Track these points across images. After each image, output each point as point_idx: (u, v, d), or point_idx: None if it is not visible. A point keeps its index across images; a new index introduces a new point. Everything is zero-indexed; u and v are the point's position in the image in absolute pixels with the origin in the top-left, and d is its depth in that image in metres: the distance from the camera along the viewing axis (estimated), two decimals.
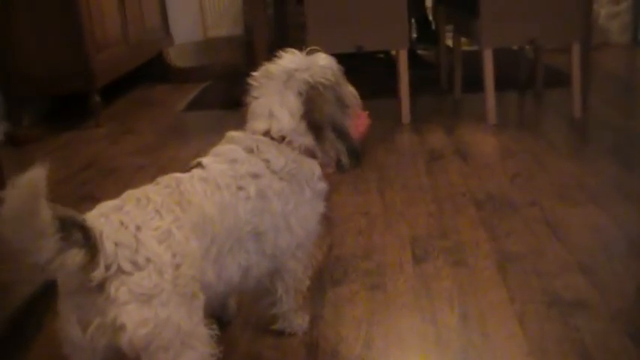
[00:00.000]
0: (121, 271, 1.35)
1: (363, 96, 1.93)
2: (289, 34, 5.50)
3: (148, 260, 1.37)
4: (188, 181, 1.59)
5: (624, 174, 2.89)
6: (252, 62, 4.66)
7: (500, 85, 3.82)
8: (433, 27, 5.20)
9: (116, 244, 1.36)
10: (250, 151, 1.71)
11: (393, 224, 2.57)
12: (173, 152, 3.49)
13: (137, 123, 4.30)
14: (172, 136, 3.92)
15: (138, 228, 1.40)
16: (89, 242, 1.31)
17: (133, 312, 1.35)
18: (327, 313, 2.02)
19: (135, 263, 1.36)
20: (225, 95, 4.86)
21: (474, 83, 3.95)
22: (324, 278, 2.21)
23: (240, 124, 1.77)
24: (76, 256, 1.29)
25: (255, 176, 1.68)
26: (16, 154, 3.82)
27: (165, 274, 1.38)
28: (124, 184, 1.66)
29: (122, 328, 1.34)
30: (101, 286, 1.34)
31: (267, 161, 1.71)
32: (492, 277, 2.15)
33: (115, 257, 1.35)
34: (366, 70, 5.10)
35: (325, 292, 2.13)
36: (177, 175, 1.61)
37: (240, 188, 1.64)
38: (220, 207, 1.59)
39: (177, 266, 1.41)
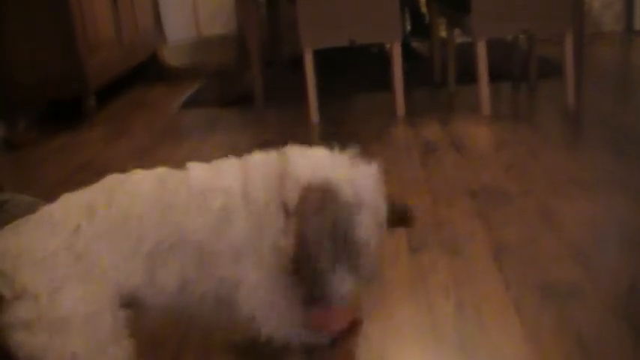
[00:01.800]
0: (3, 297, 1.40)
1: (358, 91, 1.89)
2: (282, 34, 5.52)
3: (24, 289, 1.40)
4: (136, 179, 1.59)
5: (618, 164, 2.89)
6: (246, 60, 4.69)
7: (494, 76, 3.84)
8: (426, 19, 5.21)
9: None
10: (246, 171, 1.63)
11: None
12: (168, 152, 3.50)
13: (132, 124, 4.30)
14: (167, 136, 3.92)
15: (18, 254, 1.43)
16: None
17: (14, 336, 1.40)
18: None
19: (14, 291, 1.40)
20: (219, 93, 4.87)
21: (468, 75, 3.95)
22: None
23: (234, 123, 1.76)
24: None
25: (224, 193, 1.58)
26: (12, 158, 3.83)
27: (40, 300, 1.40)
28: None
29: (10, 346, 1.40)
30: None
31: (246, 182, 1.60)
32: (488, 266, 2.15)
33: None
34: (359, 64, 5.12)
35: None
36: (135, 171, 1.61)
37: (203, 197, 1.57)
38: (164, 206, 1.55)
39: (56, 290, 1.41)
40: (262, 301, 1.64)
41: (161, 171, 1.63)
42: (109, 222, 1.50)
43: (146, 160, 3.38)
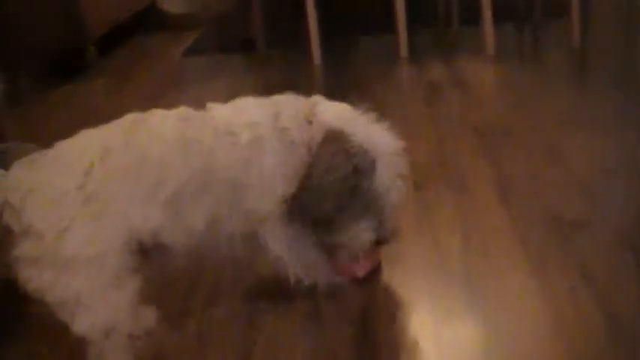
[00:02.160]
0: (10, 229, 1.43)
1: (361, 32, 1.89)
2: None
3: (30, 225, 1.41)
4: (157, 118, 1.59)
5: (624, 100, 2.87)
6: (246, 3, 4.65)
7: (498, 16, 3.79)
8: None
9: (4, 203, 1.43)
10: (276, 106, 1.67)
11: None
12: (172, 100, 3.43)
13: (134, 73, 4.27)
14: (171, 83, 3.90)
15: (29, 191, 1.44)
16: None
17: (22, 270, 1.43)
18: None
19: (21, 226, 1.42)
20: (221, 39, 4.83)
21: (472, 15, 3.91)
22: None
23: (236, 68, 1.76)
24: None
25: (255, 126, 1.60)
26: (15, 111, 3.82)
27: (45, 239, 1.41)
28: None
29: (18, 278, 1.44)
30: (4, 242, 1.43)
31: (277, 116, 1.64)
32: (493, 201, 2.16)
33: (2, 215, 1.42)
34: (362, 6, 5.06)
35: None
36: (155, 110, 1.62)
37: (230, 133, 1.59)
38: (188, 145, 1.55)
39: (64, 230, 1.42)
40: (289, 237, 1.67)
41: (183, 110, 1.63)
42: (125, 163, 1.50)
43: (151, 109, 3.32)
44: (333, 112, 1.69)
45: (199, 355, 1.65)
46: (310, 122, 1.66)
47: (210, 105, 1.67)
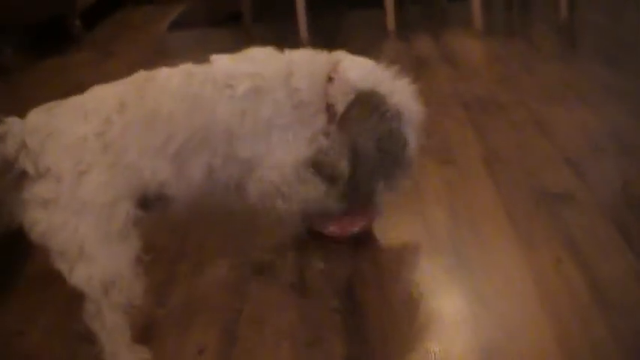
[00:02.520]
0: (26, 173, 1.42)
1: (349, 6, 1.89)
2: None
3: (48, 169, 1.42)
4: (165, 75, 1.60)
5: (610, 73, 2.87)
6: None
7: None
8: None
9: (23, 146, 1.42)
10: (287, 63, 1.68)
11: None
12: None
13: (120, 46, 4.25)
14: (157, 56, 3.87)
15: (48, 135, 1.44)
16: None
17: (31, 212, 1.42)
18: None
19: (37, 169, 1.41)
20: (207, 13, 4.80)
21: None
22: None
23: (223, 42, 1.75)
24: None
25: (255, 77, 1.63)
26: (1, 82, 3.79)
27: (63, 181, 1.42)
28: None
29: (24, 222, 1.44)
30: (18, 181, 1.42)
31: (291, 74, 1.66)
32: (480, 174, 2.16)
33: (16, 158, 1.42)
34: None
35: None
36: (162, 68, 1.63)
37: (228, 86, 1.61)
38: (192, 102, 1.58)
39: (82, 173, 1.43)
40: (287, 179, 1.69)
41: (188, 66, 1.65)
42: (139, 118, 1.52)
43: None
44: (358, 70, 1.71)
45: (185, 324, 1.64)
46: (331, 79, 1.69)
47: (214, 57, 1.68)
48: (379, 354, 1.49)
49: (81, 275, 1.44)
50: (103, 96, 1.55)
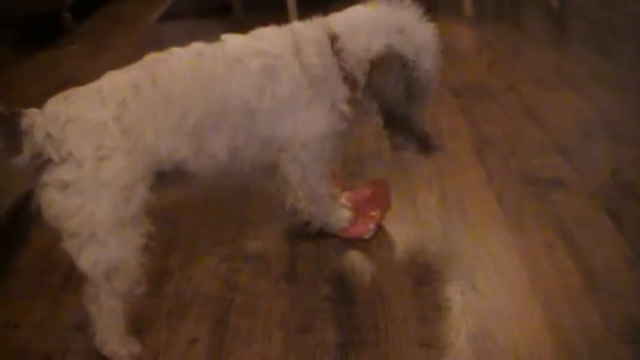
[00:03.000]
0: (50, 160, 1.44)
1: None
2: None
3: (70, 154, 1.44)
4: (176, 57, 1.63)
5: (601, 60, 2.87)
6: None
7: None
8: None
9: (47, 135, 1.44)
10: (294, 41, 1.69)
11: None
12: None
13: (111, 38, 4.23)
14: (149, 48, 3.79)
15: (68, 121, 1.47)
16: (6, 130, 1.42)
17: (48, 194, 1.45)
18: None
19: (60, 155, 1.44)
20: (197, 3, 4.78)
21: None
22: None
23: (214, 32, 1.76)
24: None
25: (266, 55, 1.65)
26: None
27: (84, 165, 1.44)
28: None
29: (41, 206, 1.46)
30: (41, 169, 1.45)
31: (300, 51, 1.68)
32: (470, 160, 2.17)
33: (44, 147, 1.44)
34: None
35: None
36: (173, 49, 1.65)
37: (239, 61, 1.63)
38: (204, 79, 1.60)
39: (102, 158, 1.46)
40: (312, 158, 1.73)
41: (198, 45, 1.67)
42: (154, 99, 1.55)
43: None
44: (359, 38, 1.70)
45: (178, 315, 1.65)
46: (338, 52, 1.70)
47: (224, 36, 1.70)
48: (370, 341, 1.50)
49: (88, 258, 1.46)
50: (116, 81, 1.57)
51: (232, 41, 1.69)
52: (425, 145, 1.76)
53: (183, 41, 1.68)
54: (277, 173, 1.75)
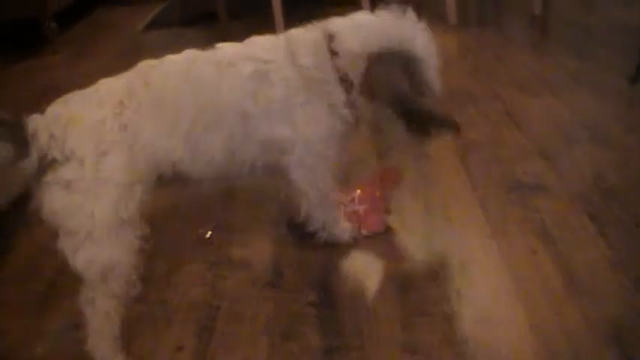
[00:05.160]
0: (54, 160, 1.46)
1: (324, 2, 1.89)
2: None
3: (72, 152, 1.46)
4: (169, 61, 1.65)
5: (583, 66, 2.89)
6: None
7: None
8: None
9: (51, 136, 1.46)
10: (288, 45, 1.71)
11: None
12: None
13: (96, 46, 4.23)
14: (132, 56, 3.79)
15: (69, 121, 1.49)
16: (15, 137, 1.44)
17: (49, 192, 1.46)
18: None
19: (64, 154, 1.46)
20: (183, 12, 4.79)
21: None
22: None
23: (199, 40, 1.77)
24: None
25: (258, 60, 1.67)
26: None
27: (86, 162, 1.47)
28: None
29: (42, 203, 1.47)
30: (44, 170, 1.46)
31: (293, 53, 1.69)
32: (454, 166, 2.18)
33: (49, 148, 1.46)
34: None
35: None
36: (167, 56, 1.66)
37: (231, 65, 1.65)
38: (196, 82, 1.62)
39: (103, 153, 1.48)
40: (317, 160, 1.74)
41: (190, 52, 1.69)
42: (148, 101, 1.57)
43: None
44: (356, 38, 1.71)
45: (164, 322, 1.65)
46: (334, 53, 1.70)
47: (219, 45, 1.72)
48: (355, 347, 1.51)
49: (84, 258, 1.47)
50: (111, 85, 1.59)
51: (225, 48, 1.71)
52: (449, 124, 1.75)
53: (168, 49, 1.68)
54: (286, 181, 1.76)
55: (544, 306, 1.55)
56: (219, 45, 1.72)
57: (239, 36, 1.73)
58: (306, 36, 1.74)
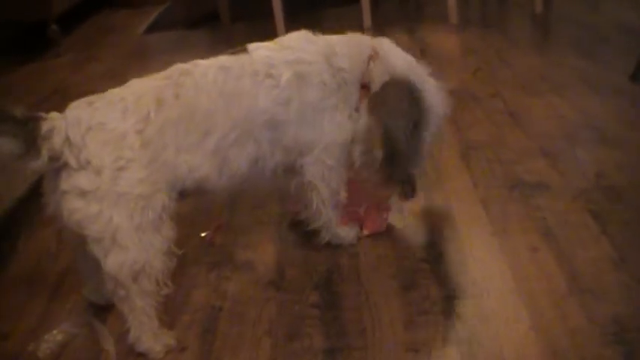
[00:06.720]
0: (68, 165, 1.46)
1: (325, 4, 1.90)
2: None
3: (88, 162, 1.46)
4: (201, 70, 1.61)
5: (585, 65, 2.89)
6: None
7: None
8: None
9: (66, 140, 1.45)
10: (327, 46, 1.71)
11: None
12: (138, 74, 3.42)
13: (99, 49, 4.24)
14: (135, 59, 3.87)
15: (89, 129, 1.48)
16: (25, 134, 1.42)
17: (69, 201, 1.47)
18: None
19: (78, 161, 1.45)
20: (185, 14, 4.80)
21: None
22: None
23: (201, 42, 1.76)
24: (4, 145, 1.40)
25: (299, 62, 1.66)
26: None
27: (102, 175, 1.46)
28: None
29: (62, 212, 1.48)
30: (57, 173, 1.46)
31: (333, 55, 1.70)
32: (456, 165, 2.18)
33: (62, 152, 1.45)
34: None
35: None
36: (197, 62, 1.64)
37: (269, 76, 1.63)
38: (229, 97, 1.60)
39: (120, 169, 1.47)
40: (334, 162, 1.75)
41: (223, 59, 1.66)
42: (176, 115, 1.55)
43: (118, 83, 3.26)
44: (398, 56, 1.76)
45: (167, 323, 1.65)
46: (371, 60, 1.72)
47: (251, 46, 1.69)
48: (358, 347, 1.51)
49: (113, 262, 1.49)
50: (140, 91, 1.56)
51: (261, 52, 1.67)
52: (410, 186, 1.80)
53: (171, 52, 1.69)
54: (297, 179, 1.76)
55: (546, 304, 1.54)
56: (252, 46, 1.69)
57: (242, 38, 1.72)
58: (352, 39, 1.76)
